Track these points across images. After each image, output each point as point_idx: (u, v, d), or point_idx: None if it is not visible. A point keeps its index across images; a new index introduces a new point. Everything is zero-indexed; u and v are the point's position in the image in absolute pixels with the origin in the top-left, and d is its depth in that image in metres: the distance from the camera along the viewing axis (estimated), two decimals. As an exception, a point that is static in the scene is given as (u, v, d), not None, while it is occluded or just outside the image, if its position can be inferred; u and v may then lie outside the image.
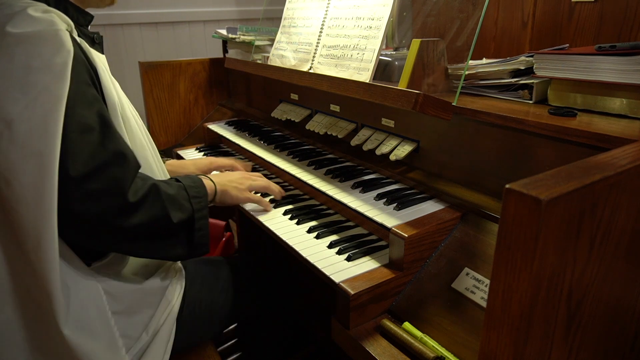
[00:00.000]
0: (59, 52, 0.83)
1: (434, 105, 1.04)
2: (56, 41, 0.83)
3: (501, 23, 1.54)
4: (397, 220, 1.02)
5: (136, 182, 0.91)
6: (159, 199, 0.93)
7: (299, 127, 1.64)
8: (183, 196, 0.99)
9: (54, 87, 0.81)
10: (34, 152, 0.78)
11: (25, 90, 0.80)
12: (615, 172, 0.58)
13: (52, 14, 0.86)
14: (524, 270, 0.51)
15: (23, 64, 0.80)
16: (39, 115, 0.79)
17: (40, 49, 0.81)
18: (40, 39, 0.82)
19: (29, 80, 0.80)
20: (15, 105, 0.79)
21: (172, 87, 2.01)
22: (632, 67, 0.89)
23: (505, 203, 0.52)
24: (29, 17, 0.83)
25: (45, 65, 0.81)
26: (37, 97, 0.80)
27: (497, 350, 0.57)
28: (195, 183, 1.05)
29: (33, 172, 0.78)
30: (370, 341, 0.88)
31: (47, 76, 0.81)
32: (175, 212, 0.95)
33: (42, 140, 0.78)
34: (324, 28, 1.43)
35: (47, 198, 0.78)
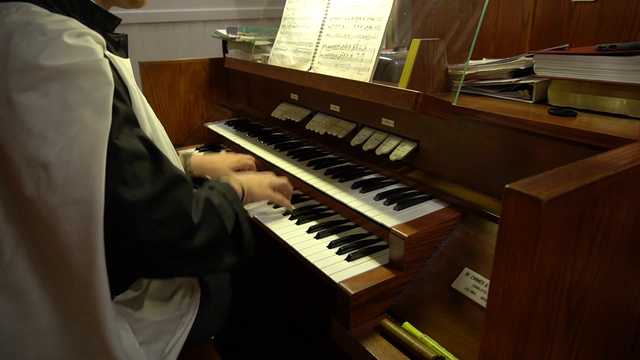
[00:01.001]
0: (99, 85, 0.76)
1: (434, 105, 1.04)
2: (96, 73, 0.76)
3: (501, 23, 1.54)
4: (397, 220, 1.02)
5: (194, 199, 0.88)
6: (215, 212, 0.91)
7: (299, 127, 1.64)
8: (224, 203, 0.97)
9: (94, 125, 0.74)
10: (76, 200, 0.73)
11: (62, 129, 0.72)
12: (615, 172, 0.58)
13: (88, 37, 0.79)
14: (524, 270, 0.51)
15: (59, 100, 0.73)
16: (77, 158, 0.72)
17: (78, 83, 0.74)
18: (79, 72, 0.74)
19: (66, 118, 0.73)
20: (51, 147, 0.72)
21: (172, 87, 2.01)
22: (632, 67, 0.89)
23: (505, 203, 0.52)
24: (65, 46, 0.74)
25: (84, 100, 0.74)
26: (75, 137, 0.73)
27: (497, 350, 0.57)
28: (227, 187, 1.03)
29: (76, 220, 0.73)
30: (370, 341, 0.88)
31: (86, 113, 0.74)
32: (228, 221, 0.93)
33: (83, 186, 0.73)
34: (324, 28, 1.43)
35: (94, 245, 0.74)
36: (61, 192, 0.73)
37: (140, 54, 2.65)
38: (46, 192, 0.73)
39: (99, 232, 0.74)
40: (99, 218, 0.74)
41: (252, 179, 1.20)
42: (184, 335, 1.02)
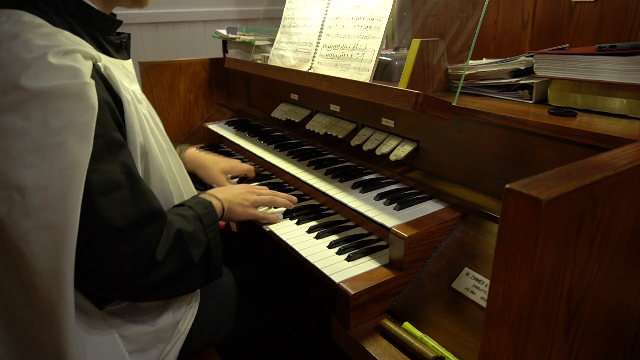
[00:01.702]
0: (82, 111, 0.73)
1: (434, 105, 1.04)
2: (79, 98, 0.73)
3: (501, 23, 1.54)
4: (397, 220, 1.02)
5: (163, 234, 0.86)
6: (184, 245, 0.89)
7: (299, 127, 1.64)
8: (199, 228, 0.95)
9: (74, 151, 0.72)
10: (50, 225, 0.71)
11: (41, 153, 0.71)
12: (615, 172, 0.58)
13: (75, 56, 0.76)
14: (524, 270, 0.51)
15: (40, 123, 0.70)
16: (56, 184, 0.71)
17: (60, 106, 0.71)
18: (61, 95, 0.72)
19: (47, 143, 0.71)
20: (29, 170, 0.70)
21: (172, 87, 2.01)
22: (632, 67, 0.89)
23: (505, 203, 0.52)
24: (49, 67, 0.72)
25: (66, 125, 0.71)
26: (54, 162, 0.71)
27: (497, 350, 0.57)
28: (207, 209, 1.01)
29: (48, 244, 0.72)
30: (370, 341, 0.88)
31: (68, 138, 0.71)
32: (195, 251, 0.92)
33: (59, 213, 0.71)
34: (324, 28, 1.43)
35: (63, 271, 0.73)
36: (35, 216, 0.71)
37: (140, 54, 2.65)
38: (19, 215, 0.71)
39: (70, 258, 0.73)
40: (71, 245, 0.73)
41: (236, 196, 1.16)
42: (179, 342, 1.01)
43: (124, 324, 0.92)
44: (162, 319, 0.98)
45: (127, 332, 0.92)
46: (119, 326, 0.92)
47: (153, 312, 0.97)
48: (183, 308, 1.02)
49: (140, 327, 0.94)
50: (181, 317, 1.01)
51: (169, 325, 0.99)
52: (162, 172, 0.96)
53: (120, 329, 0.91)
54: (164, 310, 0.99)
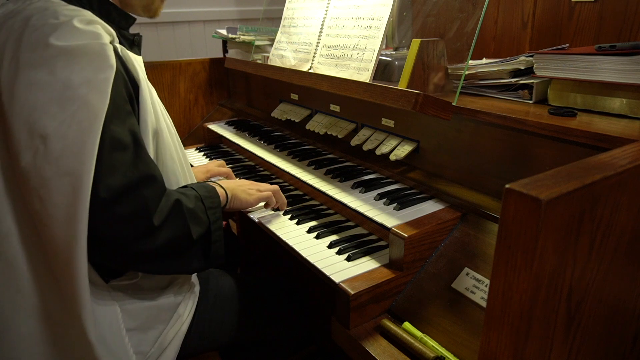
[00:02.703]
0: (102, 68, 0.80)
1: (434, 105, 1.04)
2: (100, 56, 0.81)
3: (501, 23, 1.54)
4: (397, 220, 1.02)
5: (162, 200, 0.89)
6: (182, 215, 0.91)
7: (299, 127, 1.64)
8: (200, 208, 0.96)
9: (93, 103, 0.78)
10: (68, 172, 0.76)
11: (63, 105, 0.77)
12: (615, 172, 0.58)
13: (97, 26, 0.84)
14: (524, 270, 0.51)
15: (64, 78, 0.78)
16: (75, 133, 0.76)
17: (82, 64, 0.79)
18: (84, 53, 0.79)
19: (69, 95, 0.77)
20: (52, 120, 0.76)
21: (172, 87, 2.01)
22: (632, 67, 0.89)
23: (505, 203, 0.52)
24: (75, 29, 0.80)
25: (87, 80, 0.78)
26: (75, 113, 0.77)
27: (497, 350, 0.57)
28: (210, 192, 1.02)
29: (66, 192, 0.76)
30: (370, 341, 0.88)
31: (88, 92, 0.78)
32: (195, 227, 0.93)
33: (76, 160, 0.76)
34: (324, 28, 1.43)
35: (79, 219, 0.76)
36: (56, 163, 0.76)
37: (140, 54, 2.65)
38: (42, 163, 0.76)
39: (86, 205, 0.76)
40: (87, 191, 0.76)
41: (239, 185, 1.18)
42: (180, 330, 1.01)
43: (127, 298, 0.94)
44: (162, 297, 0.99)
45: (129, 307, 0.93)
46: (122, 300, 0.93)
47: (155, 291, 0.99)
48: (183, 292, 1.04)
49: (141, 303, 0.95)
50: (181, 300, 1.02)
51: (169, 305, 1.00)
52: (172, 152, 1.00)
53: (122, 302, 0.93)
54: (165, 289, 1.01)
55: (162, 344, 0.98)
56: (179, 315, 1.01)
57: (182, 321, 1.02)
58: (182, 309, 1.02)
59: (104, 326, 0.89)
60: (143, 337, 0.95)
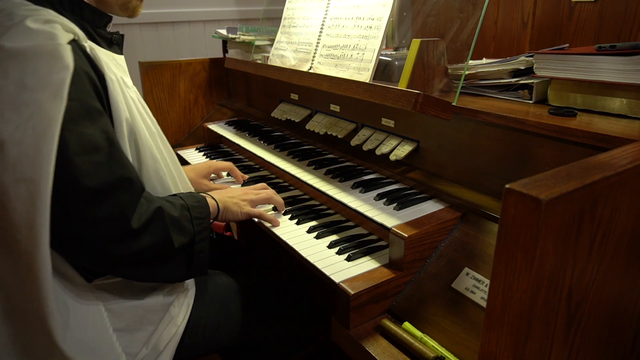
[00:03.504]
0: (56, 69, 0.77)
1: (434, 105, 1.04)
2: (54, 57, 0.78)
3: (501, 23, 1.54)
4: (397, 220, 1.02)
5: (141, 204, 0.88)
6: (163, 223, 0.90)
7: (299, 127, 1.64)
8: (186, 217, 0.95)
9: (48, 107, 0.75)
10: (25, 178, 0.74)
11: (18, 109, 0.75)
12: (615, 172, 0.58)
13: (54, 24, 0.81)
14: (524, 270, 0.51)
15: (17, 81, 0.75)
16: (30, 138, 0.74)
17: (35, 65, 0.76)
18: (36, 54, 0.77)
19: (22, 99, 0.75)
20: (7, 125, 0.74)
21: (172, 87, 2.01)
22: (632, 67, 0.89)
23: (505, 203, 0.52)
24: (27, 30, 0.77)
25: (40, 83, 0.76)
26: (30, 118, 0.75)
27: (497, 350, 0.57)
28: (199, 202, 1.01)
29: (24, 198, 0.75)
30: (370, 341, 0.88)
31: (42, 95, 0.76)
32: (177, 236, 0.92)
33: (33, 166, 0.74)
34: (324, 28, 1.43)
35: (39, 224, 0.75)
36: (12, 169, 0.75)
37: (140, 54, 2.65)
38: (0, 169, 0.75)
39: (46, 211, 0.75)
40: (46, 198, 0.75)
41: (232, 197, 1.16)
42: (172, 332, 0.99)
43: (112, 297, 0.93)
44: (150, 297, 0.98)
45: (114, 306, 0.92)
46: (107, 299, 0.92)
47: (142, 291, 0.98)
48: (175, 294, 1.02)
49: (127, 302, 0.94)
50: (172, 302, 1.01)
51: (158, 305, 0.98)
52: (153, 151, 0.98)
53: (107, 302, 0.92)
54: (154, 290, 0.99)
55: (157, 347, 0.97)
56: (172, 318, 1.00)
57: (177, 324, 1.01)
58: (175, 311, 1.01)
59: (87, 326, 0.88)
60: (130, 337, 0.94)
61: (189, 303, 1.05)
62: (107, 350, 0.89)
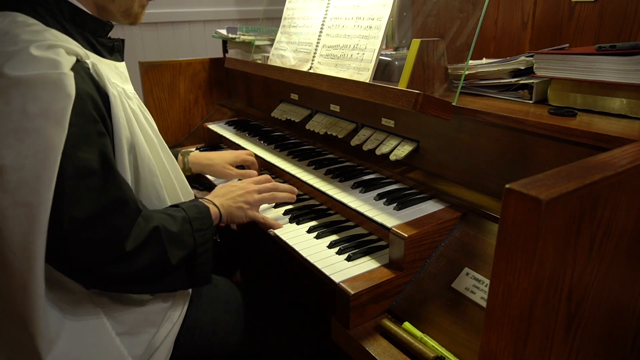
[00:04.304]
0: (59, 98, 0.78)
1: (434, 105, 1.04)
2: (57, 86, 0.78)
3: (501, 23, 1.54)
4: (397, 220, 1.02)
5: (138, 224, 0.88)
6: (159, 242, 0.90)
7: (299, 127, 1.64)
8: (187, 231, 0.96)
9: (49, 135, 0.77)
10: (24, 203, 0.76)
11: (19, 136, 0.76)
12: (615, 172, 0.58)
13: (58, 50, 0.81)
14: (524, 270, 0.51)
15: (19, 109, 0.76)
16: (31, 164, 0.76)
17: (38, 94, 0.77)
18: (39, 83, 0.77)
19: (24, 127, 0.76)
20: (8, 150, 0.76)
21: (172, 87, 2.01)
22: (632, 67, 0.89)
23: (505, 203, 0.52)
24: (30, 58, 0.78)
25: (42, 111, 0.77)
26: (32, 145, 0.76)
27: (497, 350, 0.57)
28: (201, 214, 1.01)
29: (22, 222, 0.76)
30: (370, 341, 0.88)
31: (44, 123, 0.77)
32: (175, 252, 0.92)
33: (33, 192, 0.76)
34: (324, 28, 1.43)
35: (34, 248, 0.77)
36: (12, 193, 0.76)
37: (140, 54, 2.65)
38: None
39: (42, 236, 0.77)
40: (43, 223, 0.76)
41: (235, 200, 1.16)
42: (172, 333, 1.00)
43: (112, 304, 0.94)
44: (151, 302, 0.99)
45: (115, 313, 0.93)
46: (106, 305, 0.93)
47: (141, 297, 0.98)
48: (173, 296, 1.03)
49: (127, 308, 0.95)
50: (170, 302, 1.02)
51: (158, 308, 0.99)
52: (150, 165, 0.98)
53: (107, 308, 0.93)
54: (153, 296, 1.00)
55: (153, 345, 0.97)
56: (169, 317, 1.01)
57: (173, 322, 1.01)
58: (172, 310, 1.02)
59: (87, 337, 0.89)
60: (134, 340, 0.95)
61: (185, 301, 1.06)
62: (112, 353, 0.90)
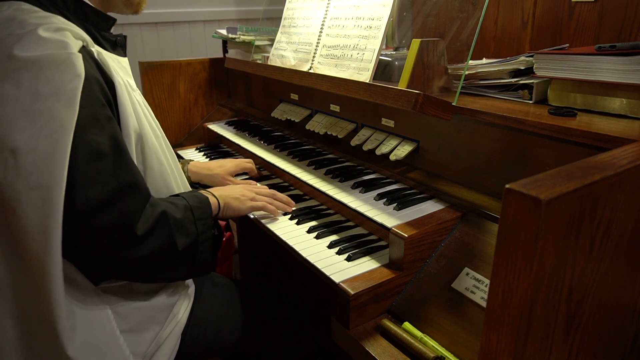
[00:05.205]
0: (69, 78, 0.78)
1: (434, 105, 1.04)
2: (66, 66, 0.78)
3: (501, 23, 1.54)
4: (397, 220, 1.02)
5: (146, 210, 0.88)
6: (167, 226, 0.91)
7: (299, 127, 1.64)
8: (189, 219, 0.96)
9: (61, 115, 0.76)
10: (39, 185, 0.75)
11: (31, 118, 0.76)
12: (615, 172, 0.58)
13: (65, 32, 0.81)
14: (524, 270, 0.51)
15: (30, 90, 0.76)
16: (44, 146, 0.75)
17: (49, 74, 0.77)
18: (50, 63, 0.77)
19: (36, 108, 0.76)
20: (21, 133, 0.75)
21: (172, 87, 2.01)
22: (632, 67, 0.89)
23: (505, 203, 0.52)
24: (39, 39, 0.78)
25: (54, 91, 0.77)
26: (44, 126, 0.76)
27: (497, 350, 0.57)
28: (202, 203, 1.02)
29: (37, 204, 0.76)
30: (370, 341, 0.88)
31: (55, 104, 0.76)
32: (181, 238, 0.93)
33: (47, 173, 0.75)
34: (324, 28, 1.43)
35: (51, 231, 0.76)
36: (27, 177, 0.76)
37: (140, 54, 2.65)
38: (12, 177, 0.76)
39: (58, 218, 0.76)
40: (58, 204, 0.76)
41: (233, 193, 1.17)
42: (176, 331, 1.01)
43: (118, 300, 0.94)
44: (156, 299, 0.99)
45: (121, 309, 0.93)
46: (113, 302, 0.93)
47: (147, 293, 0.99)
48: (178, 293, 1.04)
49: (134, 304, 0.95)
50: (176, 301, 1.02)
51: (163, 306, 1.00)
52: (159, 155, 0.99)
53: (113, 305, 0.92)
54: (158, 291, 1.01)
55: (158, 342, 0.98)
56: (174, 315, 1.01)
57: (177, 320, 1.02)
58: (176, 308, 1.02)
59: (96, 330, 0.88)
60: (139, 338, 0.95)
61: (189, 301, 1.06)
62: (114, 352, 0.90)
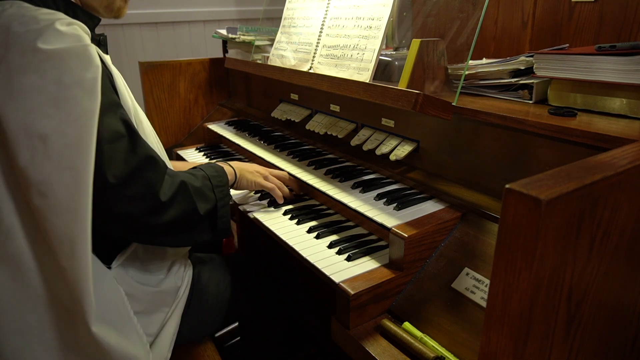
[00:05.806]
0: (89, 68, 0.85)
1: (434, 105, 1.04)
2: (85, 57, 0.85)
3: (501, 23, 1.54)
4: (397, 220, 1.02)
5: (166, 180, 0.96)
6: (188, 193, 0.99)
7: (299, 127, 1.64)
8: (207, 186, 1.05)
9: (86, 102, 0.83)
10: (70, 166, 0.81)
11: (58, 105, 0.81)
12: (615, 172, 0.58)
13: (76, 27, 0.87)
14: (524, 270, 0.51)
15: (55, 80, 0.82)
16: (73, 130, 0.81)
17: (70, 65, 0.83)
18: (71, 55, 0.83)
19: (62, 96, 0.82)
20: (49, 120, 0.81)
21: (172, 87, 2.01)
22: (632, 67, 0.89)
23: (505, 203, 0.52)
24: (59, 33, 0.83)
25: (76, 81, 0.83)
26: (71, 112, 0.82)
27: (497, 350, 0.57)
28: (218, 172, 1.11)
29: (69, 184, 0.81)
30: (370, 341, 0.88)
31: (79, 92, 0.83)
32: (201, 204, 1.01)
33: (77, 154, 0.81)
34: (324, 28, 1.43)
35: (82, 209, 0.82)
36: (57, 159, 0.81)
37: (140, 54, 2.65)
38: (42, 160, 0.81)
39: (88, 196, 0.82)
40: (88, 183, 0.82)
41: (247, 167, 1.26)
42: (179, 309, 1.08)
43: (131, 282, 1.00)
44: (166, 282, 1.07)
45: (134, 291, 0.99)
46: (126, 283, 0.99)
47: (158, 276, 1.06)
48: (181, 273, 1.11)
49: (145, 288, 1.02)
50: (180, 283, 1.11)
51: (171, 289, 1.08)
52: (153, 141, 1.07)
53: (126, 287, 0.99)
54: (167, 274, 1.08)
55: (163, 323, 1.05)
56: (178, 296, 1.09)
57: (179, 299, 1.09)
58: (180, 290, 1.10)
59: (112, 311, 0.93)
60: (149, 320, 1.01)
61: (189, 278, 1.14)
62: (130, 330, 0.95)
